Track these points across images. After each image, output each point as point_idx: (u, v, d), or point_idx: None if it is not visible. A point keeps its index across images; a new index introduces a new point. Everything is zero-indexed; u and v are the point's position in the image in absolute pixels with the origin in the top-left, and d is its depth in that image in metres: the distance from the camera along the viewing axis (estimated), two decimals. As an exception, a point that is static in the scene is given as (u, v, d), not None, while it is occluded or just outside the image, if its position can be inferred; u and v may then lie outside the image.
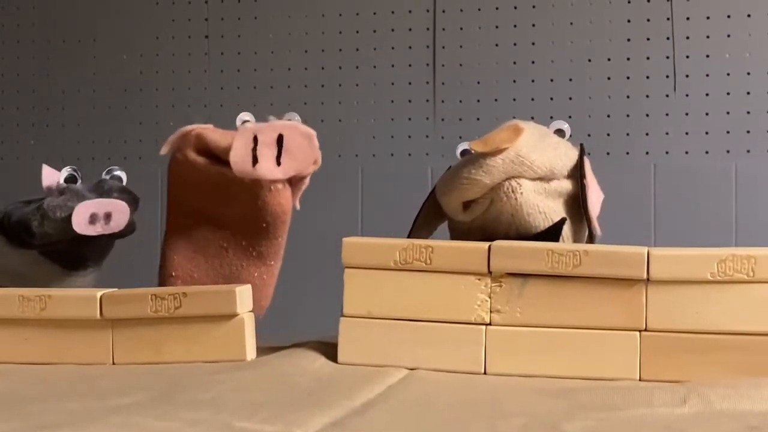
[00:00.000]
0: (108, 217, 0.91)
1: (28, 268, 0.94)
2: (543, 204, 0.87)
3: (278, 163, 0.88)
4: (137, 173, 1.02)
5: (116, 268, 1.01)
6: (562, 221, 0.87)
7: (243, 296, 0.86)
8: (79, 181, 0.94)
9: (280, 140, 0.88)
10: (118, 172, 0.97)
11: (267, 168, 0.87)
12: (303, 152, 0.89)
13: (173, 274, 0.93)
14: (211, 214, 0.92)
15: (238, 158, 0.87)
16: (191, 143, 0.91)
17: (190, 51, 2.10)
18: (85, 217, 0.90)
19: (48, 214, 0.90)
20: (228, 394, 0.72)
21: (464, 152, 0.91)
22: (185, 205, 0.93)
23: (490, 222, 0.88)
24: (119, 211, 0.92)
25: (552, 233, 0.87)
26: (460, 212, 0.89)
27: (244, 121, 0.90)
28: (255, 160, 0.87)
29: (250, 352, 0.86)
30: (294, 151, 0.88)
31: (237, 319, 0.85)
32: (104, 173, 0.97)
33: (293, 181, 0.91)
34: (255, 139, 0.87)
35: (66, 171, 0.94)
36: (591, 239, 0.91)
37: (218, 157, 0.89)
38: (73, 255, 0.95)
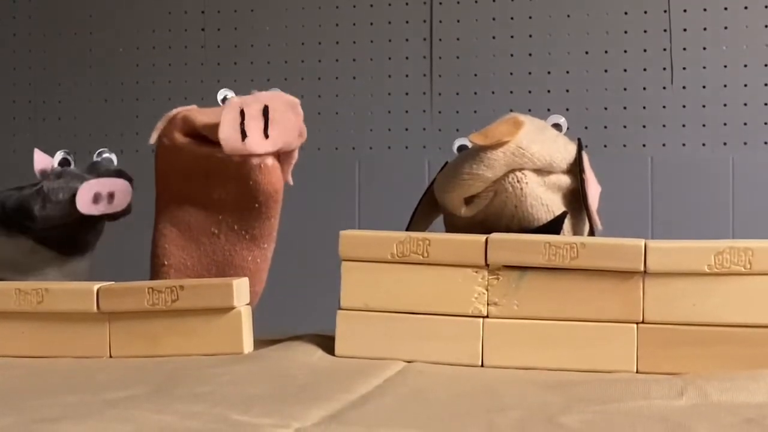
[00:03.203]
0: (111, 196, 0.92)
1: (24, 256, 0.94)
2: (545, 196, 0.87)
3: (266, 136, 0.88)
4: (134, 166, 1.02)
5: (114, 259, 1.01)
6: (564, 214, 0.87)
7: (240, 289, 0.86)
8: (73, 165, 0.94)
9: (265, 112, 0.88)
10: (107, 154, 0.97)
11: (256, 142, 0.87)
12: (289, 121, 0.89)
13: (165, 262, 0.93)
14: (202, 199, 0.92)
15: (227, 134, 0.86)
16: (178, 126, 0.91)
17: (187, 43, 2.10)
18: (90, 197, 0.90)
19: (50, 196, 0.90)
20: (225, 387, 0.72)
21: (461, 147, 0.91)
22: (175, 192, 0.93)
23: (491, 216, 0.88)
24: (121, 191, 0.92)
25: (554, 226, 0.87)
26: (463, 208, 0.89)
27: (225, 97, 0.90)
28: (243, 135, 0.87)
29: (248, 346, 0.86)
30: (280, 120, 0.88)
31: (234, 313, 0.85)
32: (95, 155, 0.97)
33: (282, 157, 0.91)
34: (242, 113, 0.87)
35: (60, 155, 0.93)
36: (592, 233, 0.91)
37: (205, 138, 0.89)
38: (69, 240, 0.94)
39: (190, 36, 2.10)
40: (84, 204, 0.89)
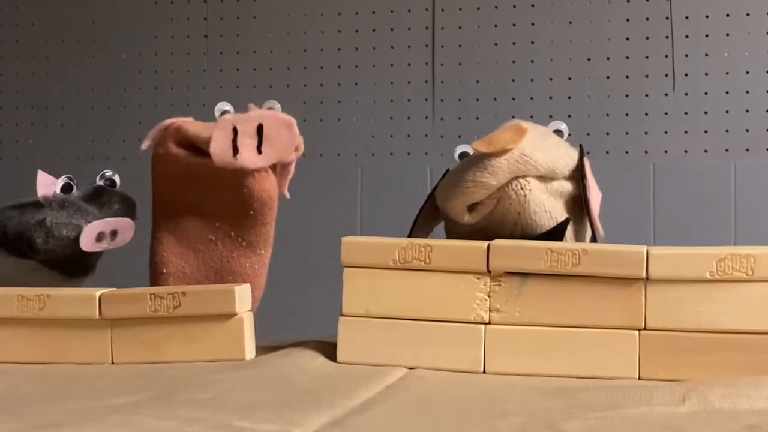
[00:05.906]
0: (114, 233, 0.92)
1: (26, 275, 0.93)
2: (548, 203, 0.87)
3: (259, 152, 0.88)
4: (136, 173, 1.02)
5: (113, 267, 1.00)
6: (567, 221, 0.87)
7: (242, 295, 0.86)
8: (75, 189, 0.93)
9: (260, 129, 0.88)
10: (110, 174, 0.97)
11: (248, 157, 0.87)
12: (283, 140, 0.89)
13: (164, 270, 0.93)
14: (198, 207, 0.92)
15: (219, 149, 0.87)
16: (171, 136, 0.91)
17: (189, 50, 2.10)
18: (93, 237, 0.90)
19: (53, 232, 0.89)
20: (227, 393, 0.72)
21: (463, 154, 0.91)
22: (171, 200, 0.93)
23: (494, 223, 0.88)
24: (125, 228, 0.93)
25: (556, 233, 0.87)
26: (466, 215, 0.88)
27: (223, 111, 0.90)
28: (236, 150, 0.87)
29: (249, 352, 0.86)
30: (274, 139, 0.88)
31: (236, 319, 0.85)
32: (98, 178, 0.97)
33: (277, 169, 0.91)
34: (235, 130, 0.87)
35: (62, 180, 0.93)
36: (594, 240, 0.91)
37: (200, 149, 0.89)
38: (73, 264, 0.95)
39: (193, 42, 2.10)
40: (87, 244, 0.89)
